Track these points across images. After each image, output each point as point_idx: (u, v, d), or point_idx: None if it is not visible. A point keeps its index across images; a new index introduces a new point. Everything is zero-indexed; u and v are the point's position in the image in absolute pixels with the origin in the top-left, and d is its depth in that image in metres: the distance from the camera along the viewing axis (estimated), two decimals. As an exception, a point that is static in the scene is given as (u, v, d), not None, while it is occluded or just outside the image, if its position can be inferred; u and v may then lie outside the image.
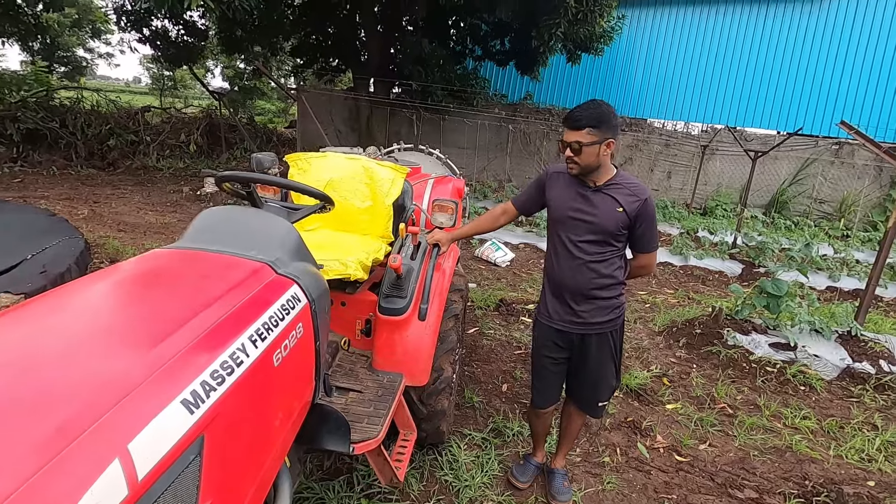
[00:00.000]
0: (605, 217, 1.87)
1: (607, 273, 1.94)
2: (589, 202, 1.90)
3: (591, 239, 1.91)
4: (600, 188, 1.89)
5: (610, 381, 2.13)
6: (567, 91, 11.69)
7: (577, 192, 1.93)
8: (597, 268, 1.93)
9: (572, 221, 1.93)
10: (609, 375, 2.11)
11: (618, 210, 1.87)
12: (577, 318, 1.99)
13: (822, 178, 9.78)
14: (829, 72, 10.12)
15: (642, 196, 1.88)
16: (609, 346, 2.04)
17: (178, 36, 10.23)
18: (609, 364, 2.08)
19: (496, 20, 9.39)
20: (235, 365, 0.99)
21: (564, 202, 1.95)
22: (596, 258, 1.92)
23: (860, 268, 6.65)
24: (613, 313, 2.00)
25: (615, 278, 1.96)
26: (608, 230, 1.88)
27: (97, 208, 6.54)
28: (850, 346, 3.83)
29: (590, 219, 1.89)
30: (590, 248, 1.92)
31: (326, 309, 1.50)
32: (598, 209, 1.88)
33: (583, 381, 2.13)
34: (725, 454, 2.73)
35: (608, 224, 1.88)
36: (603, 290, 1.95)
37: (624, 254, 1.99)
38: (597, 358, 2.04)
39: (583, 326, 2.00)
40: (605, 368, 2.08)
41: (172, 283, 1.19)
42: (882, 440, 2.92)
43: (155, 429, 0.78)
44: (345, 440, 1.50)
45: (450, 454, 2.42)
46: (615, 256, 1.95)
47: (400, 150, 4.33)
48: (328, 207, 1.76)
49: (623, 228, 1.89)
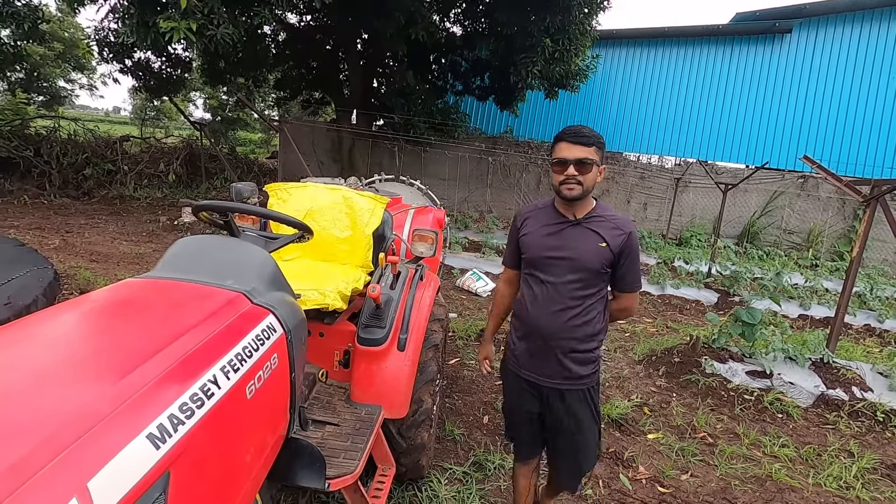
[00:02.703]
0: (587, 253, 1.67)
1: (588, 320, 1.71)
2: (568, 237, 1.70)
3: (571, 279, 1.69)
4: (580, 221, 1.70)
5: (594, 448, 1.86)
6: (545, 125, 12.03)
7: (554, 228, 1.73)
8: (577, 313, 1.70)
9: (549, 261, 1.72)
10: (592, 441, 1.83)
11: (600, 245, 1.67)
12: (548, 371, 1.75)
13: (790, 209, 10.17)
14: (792, 108, 10.68)
15: (626, 229, 1.69)
16: (588, 404, 1.78)
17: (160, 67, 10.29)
18: (591, 426, 1.80)
19: (476, 58, 9.73)
20: (206, 397, 0.96)
21: (539, 241, 1.75)
22: (576, 302, 1.69)
23: (829, 296, 6.84)
24: (591, 367, 1.76)
25: (595, 326, 1.73)
26: (591, 268, 1.67)
27: (69, 238, 6.38)
28: (824, 374, 3.90)
29: (570, 255, 1.68)
30: (570, 289, 1.69)
31: (303, 339, 1.47)
32: (579, 244, 1.68)
33: (563, 448, 1.86)
34: (707, 484, 2.72)
35: (590, 261, 1.67)
36: (582, 341, 1.72)
37: (606, 297, 1.78)
38: (576, 419, 1.78)
39: (557, 381, 1.75)
40: (587, 432, 1.80)
41: (143, 313, 1.16)
42: (858, 467, 2.94)
43: (117, 465, 0.75)
44: (320, 476, 1.45)
45: (430, 489, 2.36)
46: (597, 300, 1.73)
47: (381, 180, 4.37)
48: (307, 237, 1.76)
49: (607, 266, 1.68)
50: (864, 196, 4.02)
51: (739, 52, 10.95)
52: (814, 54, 10.58)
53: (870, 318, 6.17)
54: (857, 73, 10.37)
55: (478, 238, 8.23)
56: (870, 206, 3.95)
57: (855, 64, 10.37)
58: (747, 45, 10.90)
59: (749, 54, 10.88)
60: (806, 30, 10.58)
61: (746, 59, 10.90)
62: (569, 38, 7.53)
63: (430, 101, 9.89)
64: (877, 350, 5.10)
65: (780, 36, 10.69)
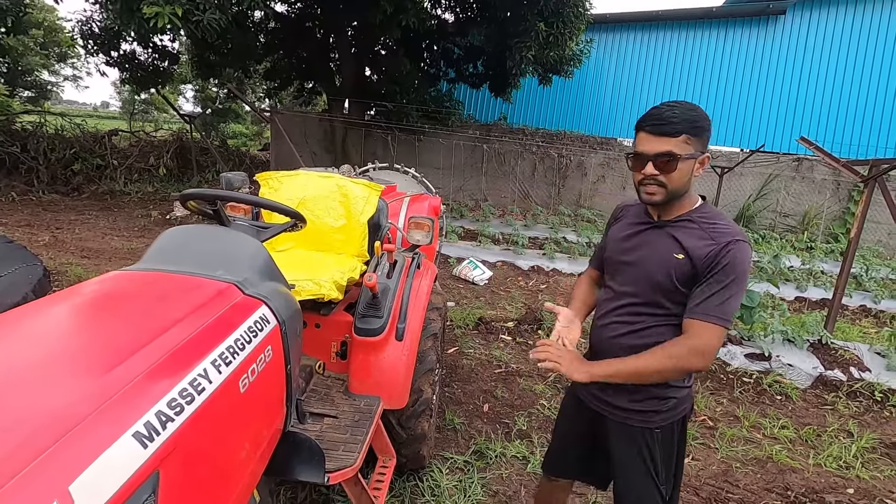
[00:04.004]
0: (654, 262, 1.34)
1: (643, 343, 1.34)
2: (643, 241, 1.39)
3: (629, 290, 1.40)
4: (664, 224, 1.36)
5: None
6: (539, 112, 11.94)
7: (635, 229, 1.43)
8: (627, 332, 1.39)
9: (617, 266, 1.45)
10: (642, 499, 1.43)
11: (676, 256, 1.30)
12: (596, 389, 1.47)
13: (785, 192, 10.17)
14: (787, 90, 10.63)
15: (721, 240, 1.26)
16: (641, 452, 1.40)
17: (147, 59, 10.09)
18: (642, 480, 1.41)
19: (469, 44, 9.60)
20: (196, 392, 0.92)
21: (617, 241, 1.47)
22: (631, 318, 1.39)
23: (825, 278, 6.86)
24: (647, 405, 1.38)
25: None
26: (655, 280, 1.33)
27: (59, 234, 6.28)
28: (822, 355, 3.91)
29: (635, 260, 1.39)
30: (626, 302, 1.41)
31: (298, 331, 1.43)
32: (647, 250, 1.37)
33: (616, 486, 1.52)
34: (709, 467, 2.71)
35: (656, 272, 1.33)
36: None
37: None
38: (621, 462, 1.45)
39: (600, 404, 1.47)
40: (634, 484, 1.43)
41: (129, 306, 1.11)
42: (858, 447, 2.95)
43: (102, 466, 0.70)
44: (319, 469, 1.42)
45: (431, 479, 2.34)
46: (662, 325, 1.35)
47: (375, 169, 4.30)
48: (299, 225, 1.71)
49: (681, 283, 1.30)
50: (863, 176, 4.00)
51: (734, 34, 10.86)
52: (808, 35, 10.52)
53: (865, 298, 6.18)
54: (852, 54, 10.33)
55: (473, 227, 8.18)
56: (868, 186, 3.93)
57: (849, 44, 10.32)
58: (741, 27, 10.82)
59: (743, 36, 10.80)
60: (800, 11, 10.50)
61: (741, 41, 10.82)
62: (563, 22, 7.41)
63: (423, 88, 9.75)
64: (873, 331, 5.12)
65: (775, 18, 10.61)
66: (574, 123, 11.64)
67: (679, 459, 1.45)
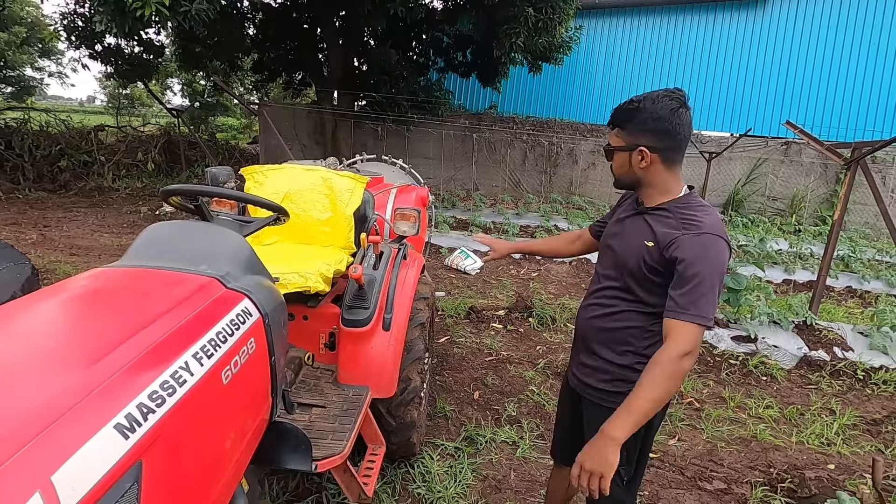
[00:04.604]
0: (628, 248, 1.40)
1: (619, 327, 1.43)
2: (625, 227, 1.47)
3: (609, 274, 1.47)
4: (645, 211, 1.41)
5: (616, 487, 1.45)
6: (529, 100, 11.90)
7: (624, 215, 1.50)
8: (603, 314, 1.46)
9: (603, 249, 1.54)
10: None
11: (647, 243, 1.34)
12: (574, 369, 1.58)
13: (774, 176, 10.23)
14: (776, 74, 10.64)
15: (689, 231, 1.27)
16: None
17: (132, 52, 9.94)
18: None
19: (458, 32, 9.52)
20: (178, 385, 0.94)
21: (609, 225, 1.56)
22: (609, 301, 1.45)
23: (813, 260, 6.95)
24: (615, 386, 1.44)
25: (629, 342, 1.42)
26: (628, 266, 1.39)
27: (47, 232, 6.24)
28: (807, 336, 3.98)
29: (614, 245, 1.47)
30: (605, 285, 1.48)
31: (282, 323, 1.45)
32: (626, 237, 1.44)
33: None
34: (694, 447, 2.78)
35: (628, 257, 1.39)
36: (605, 347, 1.46)
37: (656, 314, 1.36)
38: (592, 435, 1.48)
39: (579, 384, 1.55)
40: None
41: (111, 302, 1.13)
42: (840, 424, 3.03)
43: (83, 457, 0.72)
44: (306, 458, 1.45)
45: (422, 466, 2.38)
46: (636, 312, 1.40)
47: (362, 160, 4.30)
48: (282, 219, 1.72)
49: (648, 270, 1.34)
50: (845, 159, 4.04)
51: (722, 18, 10.84)
52: (795, 19, 10.51)
53: (852, 280, 6.28)
54: (840, 37, 10.34)
55: (465, 216, 8.20)
56: (851, 169, 3.97)
57: (837, 27, 10.34)
58: (729, 11, 10.79)
59: (731, 20, 10.78)
60: (787, -7, 10.50)
61: (729, 25, 10.81)
62: (552, 7, 7.36)
63: (412, 78, 9.68)
64: (858, 311, 5.22)
65: (763, 1, 10.59)
66: (564, 111, 11.62)
67: (645, 445, 1.47)
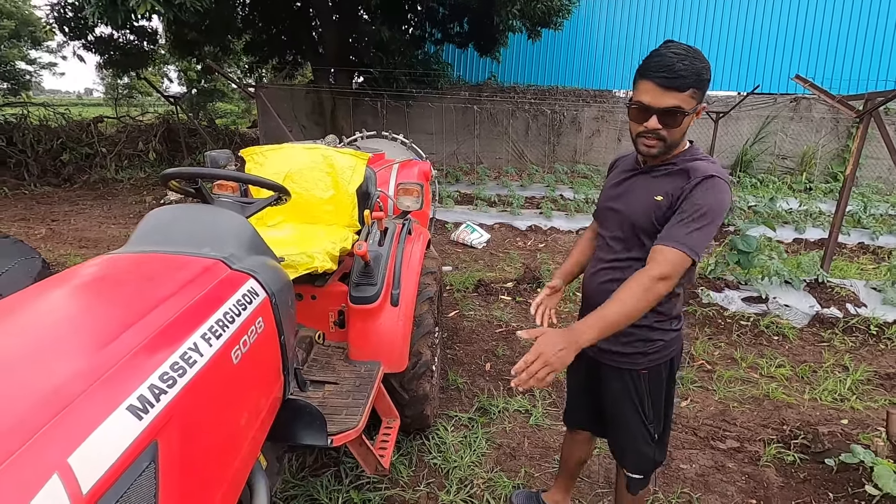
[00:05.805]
0: (635, 206, 1.37)
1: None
2: (628, 188, 1.43)
3: (617, 236, 1.44)
4: (650, 169, 1.38)
5: (637, 446, 1.52)
6: (530, 68, 11.63)
7: (623, 177, 1.46)
8: (615, 277, 1.40)
9: (606, 213, 1.49)
10: (634, 437, 1.51)
11: (656, 198, 1.33)
12: None
13: (783, 134, 10.00)
14: (783, 28, 10.29)
15: (696, 175, 1.27)
16: (629, 392, 1.47)
17: (125, 41, 9.80)
18: (632, 418, 1.49)
19: (453, 2, 9.25)
20: (188, 365, 0.94)
21: (606, 190, 1.52)
22: (619, 264, 1.43)
23: (824, 218, 6.84)
24: (634, 347, 1.42)
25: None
26: (637, 224, 1.36)
27: (55, 226, 6.28)
28: (818, 294, 3.95)
29: (620, 207, 1.43)
30: (614, 249, 1.45)
31: (290, 302, 1.45)
32: (631, 196, 1.40)
33: (608, 425, 1.61)
34: (706, 408, 2.79)
35: (637, 216, 1.36)
36: None
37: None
38: (613, 403, 1.53)
39: (592, 349, 1.42)
40: (624, 422, 1.52)
41: (117, 287, 1.13)
42: (853, 380, 3.02)
43: (98, 439, 0.73)
44: (321, 433, 1.47)
45: (437, 437, 2.42)
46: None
47: (363, 137, 4.25)
48: (284, 198, 1.70)
49: (660, 224, 1.31)
50: (858, 111, 3.93)
51: (727, -29, 10.45)
52: (804, -33, 10.11)
53: (864, 236, 6.19)
54: (850, -16, 9.94)
55: (469, 190, 8.13)
56: (863, 122, 3.86)
57: (847, -27, 9.92)
58: (734, -37, 10.39)
59: (737, -27, 10.39)
60: (796, -59, 10.06)
61: (734, -22, 10.42)
62: (549, -31, 7.14)
63: (409, 52, 9.47)
64: (871, 267, 5.15)
65: (769, -50, 10.17)
66: (566, 78, 11.35)
67: (668, 400, 1.50)
